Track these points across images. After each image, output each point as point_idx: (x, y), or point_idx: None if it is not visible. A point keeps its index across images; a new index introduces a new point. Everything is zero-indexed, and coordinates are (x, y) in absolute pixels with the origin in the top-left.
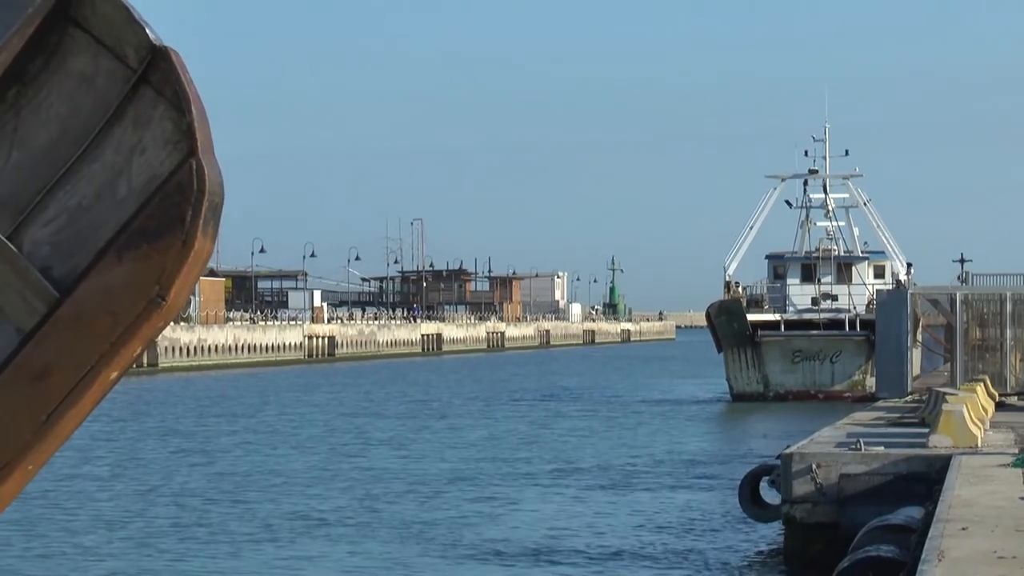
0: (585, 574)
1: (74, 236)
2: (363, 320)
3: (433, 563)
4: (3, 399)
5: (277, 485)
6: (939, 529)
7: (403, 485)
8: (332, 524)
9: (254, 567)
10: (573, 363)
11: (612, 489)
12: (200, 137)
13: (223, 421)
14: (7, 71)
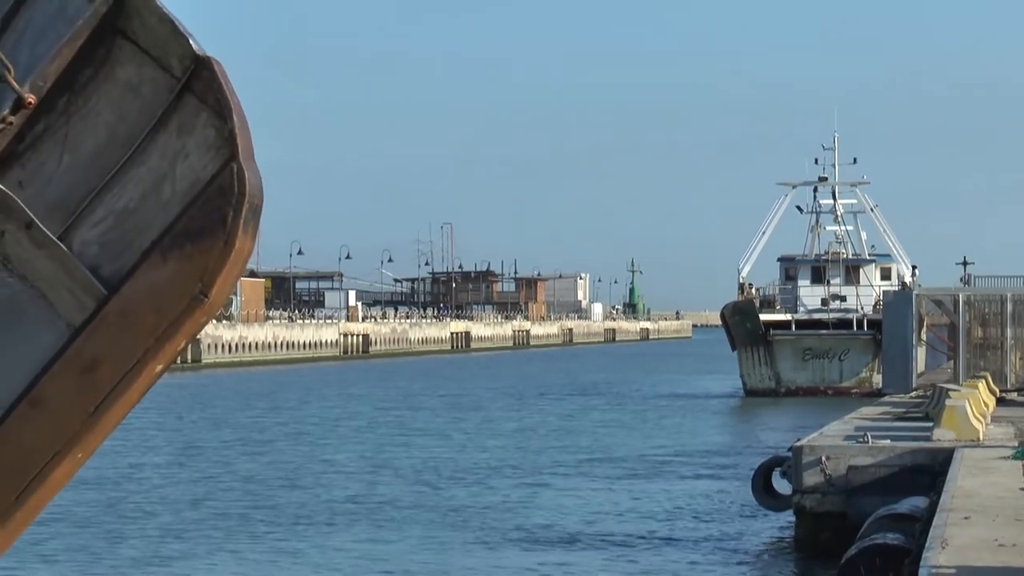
0: (612, 557)
1: (121, 237)
2: (396, 319)
3: (475, 546)
4: (54, 391)
5: (328, 473)
6: (943, 518)
7: (446, 473)
8: (381, 510)
9: (312, 547)
10: (596, 360)
11: (636, 478)
12: (241, 143)
13: (271, 413)
14: (59, 80)
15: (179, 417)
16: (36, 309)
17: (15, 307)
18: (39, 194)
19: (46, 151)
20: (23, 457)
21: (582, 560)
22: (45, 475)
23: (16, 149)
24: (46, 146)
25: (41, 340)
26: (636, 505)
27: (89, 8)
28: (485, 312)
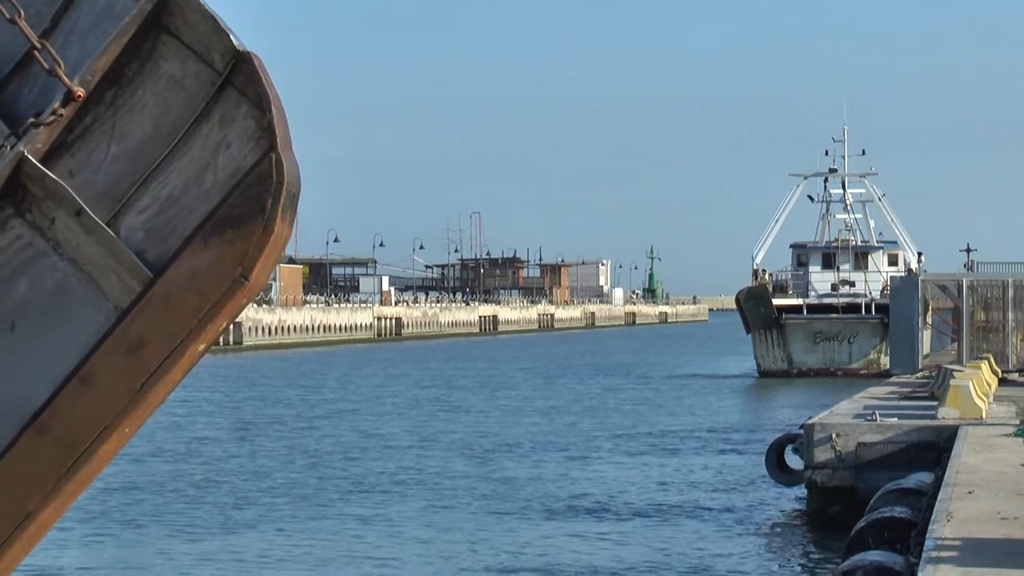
0: (638, 526)
1: (166, 223)
2: (427, 303)
3: (514, 515)
4: (102, 369)
5: (379, 447)
6: (947, 492)
7: (487, 447)
8: (431, 481)
9: (371, 515)
10: (617, 342)
11: (658, 453)
12: (279, 134)
13: (316, 391)
14: (106, 74)
15: (231, 395)
16: (85, 292)
17: (66, 290)
18: (88, 183)
19: (94, 142)
20: (74, 431)
21: (611, 528)
22: (94, 449)
23: (66, 140)
24: (94, 137)
25: (90, 321)
26: (659, 478)
27: (135, 6)
28: (511, 297)
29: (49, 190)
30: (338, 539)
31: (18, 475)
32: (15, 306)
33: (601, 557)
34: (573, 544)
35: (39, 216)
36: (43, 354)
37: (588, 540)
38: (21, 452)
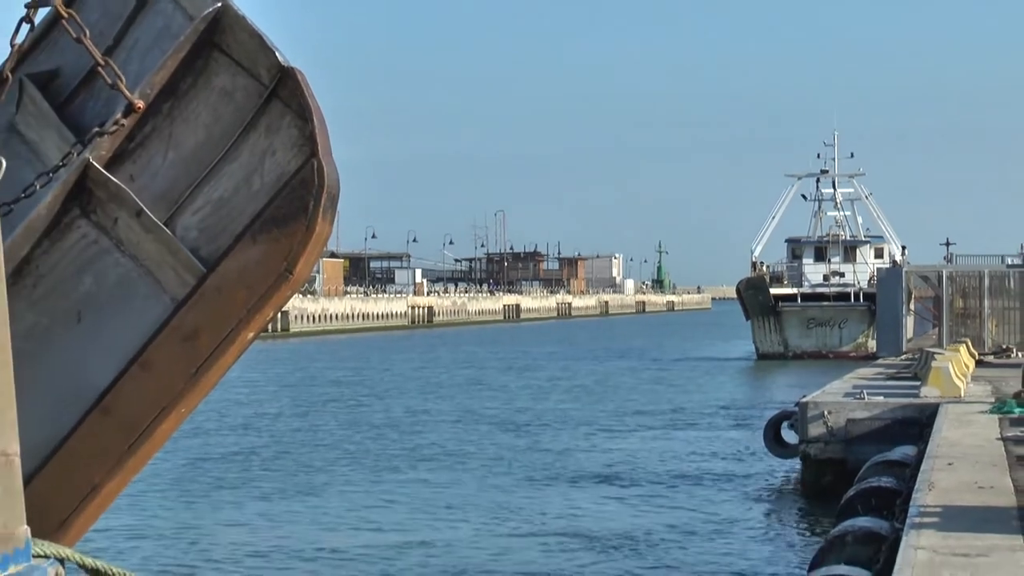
0: (649, 493)
1: (217, 222)
2: (456, 293)
3: (543, 483)
4: (161, 355)
5: (424, 422)
6: (929, 464)
7: (521, 422)
8: (472, 452)
9: (416, 482)
10: (629, 328)
11: (668, 427)
12: (320, 142)
13: (361, 373)
14: (164, 88)
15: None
16: (145, 285)
17: (127, 284)
18: (147, 186)
19: (153, 149)
20: (134, 412)
21: (629, 494)
22: (153, 428)
23: (127, 148)
24: (153, 145)
25: (149, 312)
26: (670, 450)
27: (190, 26)
28: (533, 287)
29: (112, 193)
30: (395, 503)
31: (85, 452)
32: (82, 299)
33: (621, 519)
34: (597, 507)
35: (103, 217)
36: (107, 342)
37: (609, 504)
38: (87, 431)
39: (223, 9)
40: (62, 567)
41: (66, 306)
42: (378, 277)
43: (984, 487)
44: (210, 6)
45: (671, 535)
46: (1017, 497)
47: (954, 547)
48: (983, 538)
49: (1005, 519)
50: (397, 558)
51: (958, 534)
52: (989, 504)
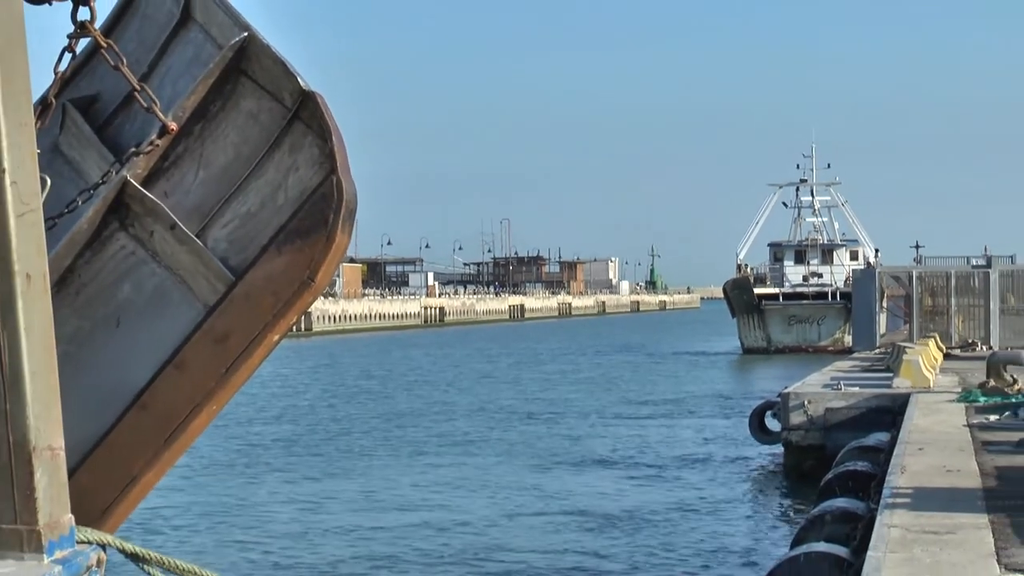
0: (646, 475)
1: (245, 235)
2: (465, 295)
3: (552, 467)
4: (194, 356)
5: (443, 411)
6: (901, 449)
7: (530, 410)
8: (489, 441)
9: (437, 467)
10: (625, 326)
11: (662, 416)
12: (339, 159)
13: (381, 367)
14: (195, 111)
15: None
16: (179, 293)
17: (163, 291)
18: (180, 202)
19: (185, 167)
20: (170, 409)
21: (628, 475)
22: (187, 423)
23: (162, 166)
24: (185, 163)
25: (183, 317)
26: (663, 436)
27: (218, 54)
28: (536, 289)
29: (148, 208)
30: (425, 485)
31: (124, 446)
32: (120, 305)
33: (623, 498)
34: (601, 488)
35: (140, 230)
36: (144, 345)
37: (612, 484)
38: (127, 426)
39: (249, 38)
40: (104, 552)
41: (106, 312)
42: (393, 280)
43: (952, 470)
44: (237, 36)
45: (667, 513)
46: (982, 479)
47: (924, 525)
48: (951, 517)
49: (971, 499)
50: (428, 535)
51: (928, 513)
52: (956, 486)
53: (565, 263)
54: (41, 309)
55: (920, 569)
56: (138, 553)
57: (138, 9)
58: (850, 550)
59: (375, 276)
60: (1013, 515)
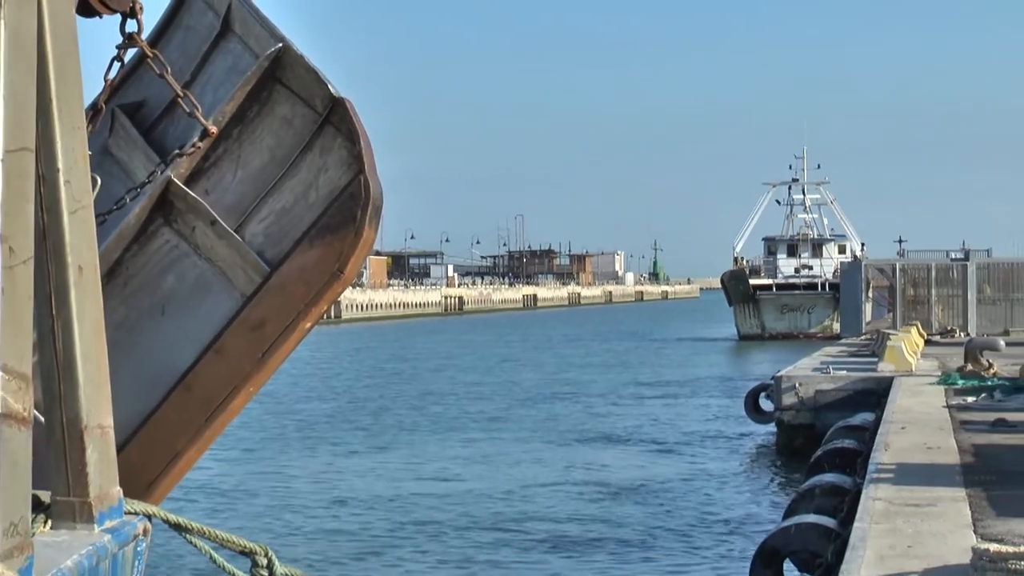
0: (650, 450)
1: (280, 230)
2: (482, 285)
3: (567, 442)
4: (233, 343)
5: (468, 392)
6: (885, 428)
7: (548, 392)
8: (509, 418)
9: (460, 443)
10: (630, 314)
11: (666, 397)
12: (366, 161)
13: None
14: (233, 116)
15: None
16: (219, 283)
17: (204, 282)
18: (219, 199)
19: (225, 168)
20: (211, 390)
21: (632, 451)
22: (227, 404)
23: (203, 167)
24: (224, 164)
25: (222, 306)
26: (665, 416)
27: (255, 63)
28: (547, 280)
29: (190, 205)
30: (457, 457)
31: (168, 424)
32: (165, 295)
33: (630, 470)
34: (612, 461)
35: (183, 225)
36: (187, 331)
37: (621, 458)
38: (171, 406)
39: (284, 49)
40: (149, 522)
41: (152, 301)
42: (416, 272)
43: (932, 447)
44: (272, 46)
45: (671, 485)
46: (960, 456)
47: (907, 498)
48: (931, 491)
49: (950, 474)
50: (463, 503)
51: (910, 487)
52: (936, 462)
53: (575, 256)
54: (92, 299)
55: (902, 539)
56: (181, 523)
57: (181, 22)
58: (838, 521)
59: (399, 268)
60: (989, 489)
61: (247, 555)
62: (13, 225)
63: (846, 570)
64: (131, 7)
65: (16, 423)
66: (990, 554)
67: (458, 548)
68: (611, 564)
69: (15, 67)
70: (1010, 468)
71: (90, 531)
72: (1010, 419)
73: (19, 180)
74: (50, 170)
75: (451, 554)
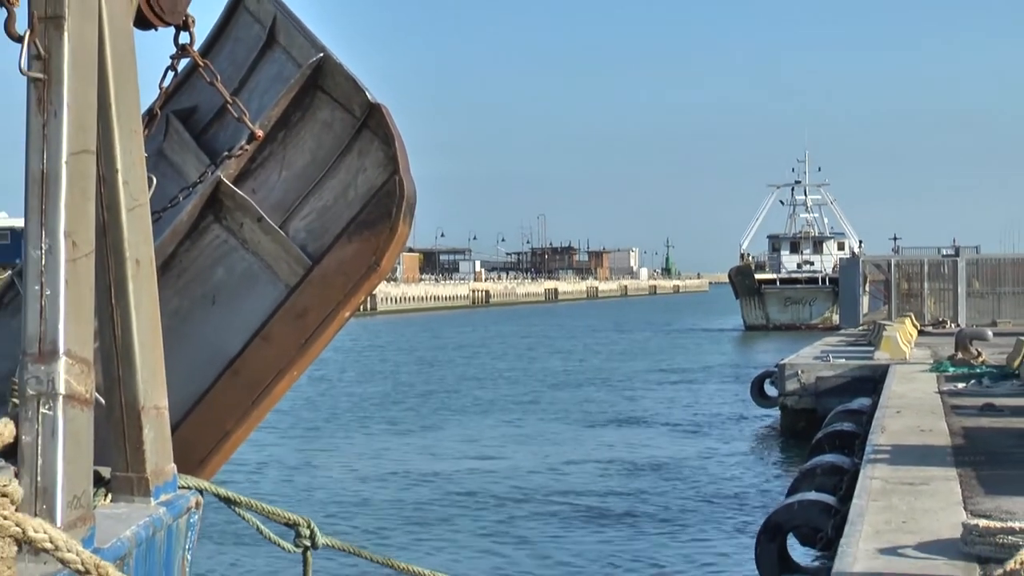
0: (662, 432)
1: (321, 226)
2: (507, 280)
3: (591, 425)
4: (278, 330)
5: (500, 378)
6: (881, 412)
7: (572, 378)
8: (539, 401)
9: (490, 418)
10: (644, 306)
11: (679, 383)
12: (401, 162)
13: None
14: (278, 121)
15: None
16: (265, 275)
17: (251, 274)
18: (265, 198)
19: (270, 169)
20: (257, 374)
21: (650, 432)
22: (272, 387)
23: (250, 168)
24: (270, 165)
25: (268, 296)
26: (677, 400)
27: (298, 72)
28: (567, 275)
29: (238, 203)
30: (494, 436)
31: (218, 405)
32: (215, 286)
33: (646, 450)
34: (630, 441)
35: (231, 222)
36: (235, 319)
37: (638, 438)
38: (220, 389)
39: (325, 58)
40: (201, 496)
41: (203, 292)
42: (446, 267)
43: (925, 430)
44: (314, 56)
45: (683, 464)
46: (951, 438)
47: (901, 477)
48: (924, 470)
49: (941, 455)
50: (500, 477)
51: (904, 467)
52: (928, 444)
53: (593, 252)
54: (148, 290)
55: (897, 515)
56: (230, 497)
57: (231, 33)
58: (837, 498)
59: (430, 263)
60: (978, 469)
61: (291, 527)
62: (76, 222)
63: (845, 544)
64: (184, 20)
65: (79, 404)
66: (979, 529)
67: (494, 519)
68: (631, 533)
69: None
70: (997, 449)
71: (147, 504)
72: (997, 404)
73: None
74: (110, 171)
75: (488, 525)
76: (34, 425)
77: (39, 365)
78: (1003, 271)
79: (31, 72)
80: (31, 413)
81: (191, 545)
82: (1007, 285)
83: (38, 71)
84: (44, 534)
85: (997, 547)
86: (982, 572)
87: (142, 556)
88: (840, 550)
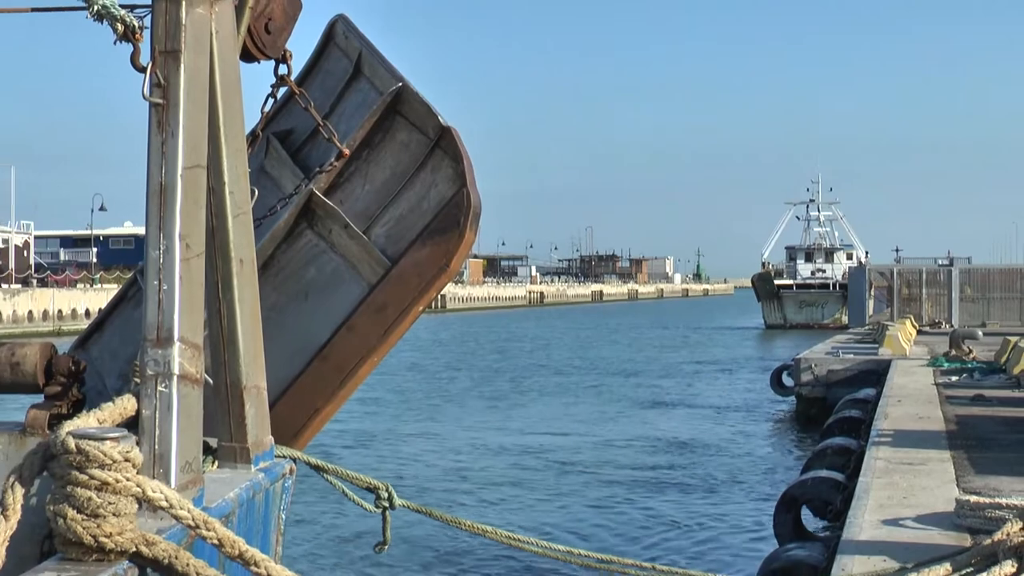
0: (688, 417)
1: (399, 232)
2: (559, 283)
3: (639, 407)
4: (361, 322)
5: (563, 367)
6: (885, 401)
7: (622, 367)
8: (599, 387)
9: (549, 407)
10: (678, 307)
11: (707, 374)
12: (468, 177)
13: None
14: (362, 141)
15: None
16: (350, 275)
17: (338, 274)
18: (351, 208)
19: (355, 182)
20: (343, 360)
21: (678, 415)
22: (355, 371)
23: (337, 182)
24: (355, 180)
25: (353, 292)
26: (704, 388)
27: (380, 99)
28: (611, 279)
29: (328, 212)
30: (556, 417)
31: (310, 386)
32: (308, 283)
33: (675, 431)
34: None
35: (322, 228)
36: (325, 312)
37: (675, 422)
38: (311, 372)
39: (403, 87)
40: (294, 464)
41: (297, 288)
42: (505, 272)
43: (923, 417)
44: (393, 85)
45: (711, 444)
46: (945, 424)
47: (902, 458)
48: (922, 452)
49: (937, 439)
50: (559, 451)
51: (905, 449)
52: (926, 429)
53: (633, 260)
54: (250, 286)
55: (898, 491)
56: (320, 464)
57: (322, 66)
58: (845, 476)
59: (492, 268)
60: (969, 452)
61: (371, 490)
62: (189, 227)
63: (852, 515)
64: (282, 54)
65: (190, 383)
66: (970, 504)
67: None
68: (666, 500)
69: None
70: (986, 435)
71: (248, 470)
72: (986, 395)
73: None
74: (218, 183)
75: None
76: (152, 401)
77: (157, 349)
78: (992, 279)
79: (152, 98)
80: (150, 391)
81: (286, 506)
82: (996, 291)
83: (158, 97)
84: (160, 494)
85: (986, 520)
86: (973, 541)
87: (244, 514)
88: (848, 521)
